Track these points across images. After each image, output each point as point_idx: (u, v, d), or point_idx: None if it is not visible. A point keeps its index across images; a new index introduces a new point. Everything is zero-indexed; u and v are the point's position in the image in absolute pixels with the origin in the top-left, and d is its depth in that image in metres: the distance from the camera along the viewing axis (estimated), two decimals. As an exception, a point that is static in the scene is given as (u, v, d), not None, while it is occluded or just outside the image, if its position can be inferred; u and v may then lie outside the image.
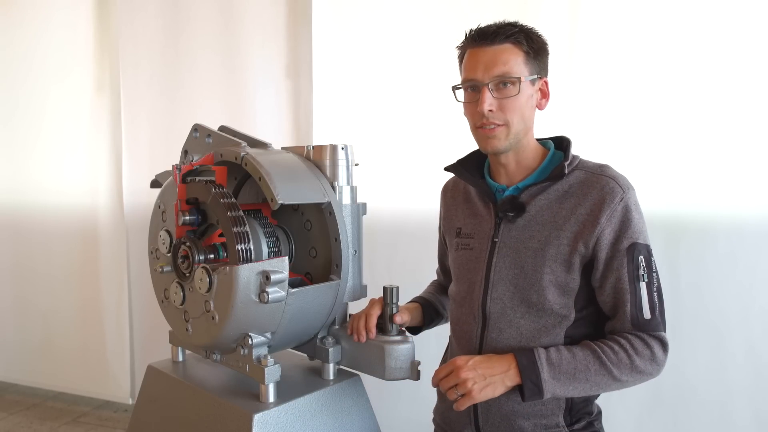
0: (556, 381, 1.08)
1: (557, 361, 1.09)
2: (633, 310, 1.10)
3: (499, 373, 1.08)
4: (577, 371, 1.08)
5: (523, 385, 1.07)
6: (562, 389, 1.08)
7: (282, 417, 1.13)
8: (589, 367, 1.08)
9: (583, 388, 1.09)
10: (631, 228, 1.11)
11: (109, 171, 3.13)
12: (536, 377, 1.07)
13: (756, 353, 2.01)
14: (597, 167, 1.17)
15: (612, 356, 1.08)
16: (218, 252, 1.16)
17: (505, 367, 1.09)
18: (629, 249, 1.11)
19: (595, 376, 1.08)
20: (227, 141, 1.27)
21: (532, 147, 1.22)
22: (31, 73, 3.26)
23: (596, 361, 1.08)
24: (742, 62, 1.97)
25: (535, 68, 1.15)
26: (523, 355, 1.10)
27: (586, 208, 1.13)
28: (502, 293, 1.19)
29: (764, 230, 1.97)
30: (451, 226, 1.35)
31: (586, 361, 1.08)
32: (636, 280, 1.11)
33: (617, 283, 1.12)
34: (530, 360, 1.09)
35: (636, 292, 1.11)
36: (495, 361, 1.10)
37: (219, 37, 2.81)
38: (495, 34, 1.13)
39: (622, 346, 1.09)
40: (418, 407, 1.66)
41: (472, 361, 1.09)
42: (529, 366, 1.08)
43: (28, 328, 3.44)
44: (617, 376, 1.08)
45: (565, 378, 1.08)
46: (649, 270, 1.12)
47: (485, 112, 1.13)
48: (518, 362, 1.09)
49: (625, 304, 1.11)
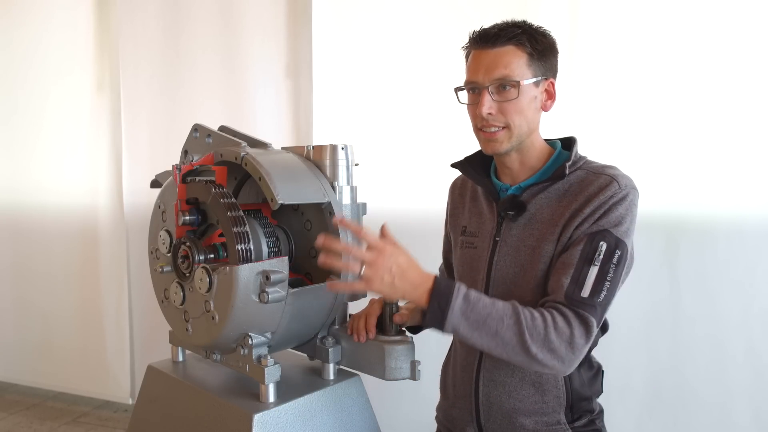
0: (464, 318, 1.01)
1: (474, 300, 1.02)
2: (571, 286, 1.04)
3: (410, 284, 1.02)
4: (489, 318, 1.01)
5: (428, 308, 1.02)
6: (467, 329, 1.01)
7: (282, 417, 1.13)
8: (503, 319, 1.01)
9: (490, 342, 1.02)
10: (608, 217, 1.07)
11: (109, 171, 3.13)
12: (444, 304, 1.00)
13: (756, 353, 2.01)
14: (600, 167, 1.16)
15: (529, 321, 1.01)
16: (218, 252, 1.16)
17: (418, 281, 1.02)
18: (594, 234, 1.07)
19: (506, 331, 1.01)
20: (227, 141, 1.27)
21: (537, 147, 1.21)
22: (31, 73, 3.25)
23: (513, 317, 1.01)
24: (743, 62, 1.97)
25: (540, 70, 1.14)
26: (442, 281, 1.04)
27: (579, 202, 1.12)
28: (502, 292, 1.19)
29: (764, 230, 1.97)
30: (457, 223, 1.35)
31: (502, 313, 1.02)
32: (587, 261, 1.05)
33: (566, 258, 1.07)
34: (446, 287, 1.02)
35: (582, 270, 1.05)
36: (414, 272, 1.03)
37: (219, 37, 2.81)
38: (497, 36, 1.12)
39: (543, 316, 1.02)
40: (418, 407, 1.66)
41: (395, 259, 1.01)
42: (443, 292, 1.02)
43: (28, 328, 3.44)
44: (528, 343, 1.00)
45: (474, 319, 1.01)
46: (606, 259, 1.05)
47: (484, 114, 1.13)
48: (435, 284, 1.02)
49: (565, 276, 1.05)
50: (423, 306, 1.03)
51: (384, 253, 1.02)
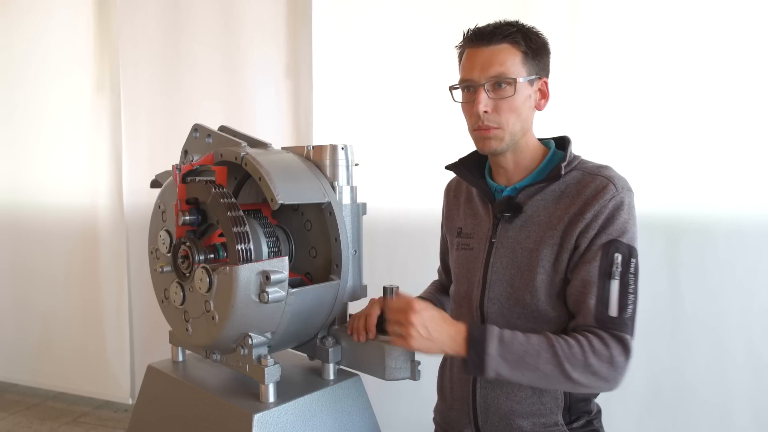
0: (503, 360, 1.02)
1: (509, 341, 1.03)
2: (598, 306, 1.05)
3: (446, 337, 1.04)
4: (527, 355, 1.02)
5: (467, 357, 1.03)
6: (507, 370, 1.03)
7: (282, 417, 1.13)
8: (540, 353, 1.02)
9: (532, 377, 1.04)
10: (614, 225, 1.08)
11: (109, 171, 3.13)
12: (481, 350, 1.02)
13: (756, 353, 2.01)
14: (595, 168, 1.16)
15: (566, 350, 1.02)
16: (218, 252, 1.16)
17: (453, 330, 1.05)
18: (606, 245, 1.07)
19: (545, 365, 1.02)
20: (227, 141, 1.27)
21: (532, 147, 1.21)
22: (31, 73, 3.25)
23: (549, 350, 1.02)
24: (742, 62, 1.97)
25: (534, 68, 1.15)
26: (475, 326, 1.06)
27: (577, 206, 1.11)
28: (499, 294, 1.19)
29: (764, 230, 1.97)
30: (453, 225, 1.35)
31: (538, 348, 1.03)
32: (606, 276, 1.06)
33: (585, 276, 1.07)
34: (481, 332, 1.04)
35: (604, 287, 1.06)
36: (447, 324, 1.06)
37: (219, 37, 2.81)
38: (492, 35, 1.12)
39: (579, 341, 1.03)
40: (418, 407, 1.66)
41: (428, 313, 1.04)
42: (478, 338, 1.03)
43: (28, 328, 3.44)
44: (569, 371, 1.02)
45: (512, 359, 1.02)
46: (624, 270, 1.06)
47: (480, 113, 1.13)
48: (468, 332, 1.04)
49: (590, 297, 1.06)
50: (462, 355, 1.05)
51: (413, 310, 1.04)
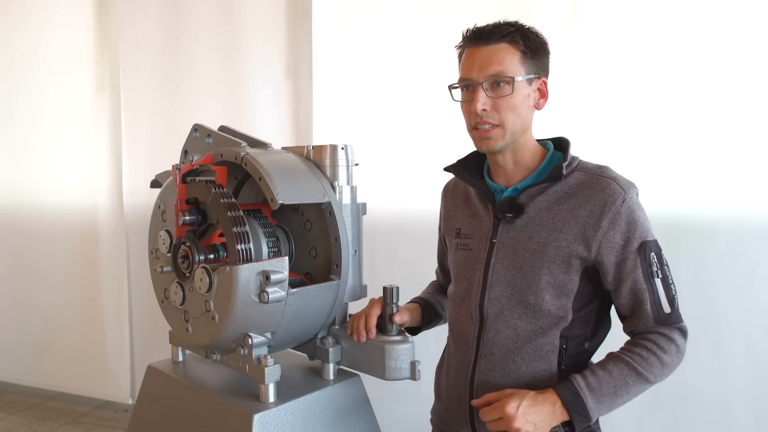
0: (600, 404, 1.08)
1: (597, 385, 1.08)
2: (654, 308, 1.11)
3: (547, 415, 1.07)
4: (618, 388, 1.08)
5: (572, 419, 1.07)
6: (606, 409, 1.09)
7: (282, 417, 1.13)
8: (627, 381, 1.09)
9: (624, 401, 1.10)
10: (638, 228, 1.11)
11: (109, 171, 3.13)
12: (582, 408, 1.07)
13: (756, 353, 2.01)
14: (596, 168, 1.17)
15: (644, 363, 1.09)
16: (218, 252, 1.16)
17: (550, 408, 1.07)
18: (640, 249, 1.11)
19: (633, 387, 1.09)
20: (227, 141, 1.27)
21: (530, 147, 1.21)
22: (31, 74, 3.26)
23: (632, 372, 1.09)
24: (742, 62, 1.97)
25: (533, 68, 1.15)
26: (564, 389, 1.08)
27: (587, 210, 1.12)
28: (499, 294, 1.18)
29: (764, 230, 1.97)
30: (451, 226, 1.35)
31: (623, 376, 1.09)
32: (651, 277, 1.12)
33: (634, 285, 1.12)
34: (573, 393, 1.08)
35: (653, 290, 1.12)
36: (541, 404, 1.07)
37: (219, 37, 2.81)
38: (491, 34, 1.13)
39: (650, 349, 1.10)
40: (417, 407, 1.66)
41: (522, 408, 1.05)
42: (573, 400, 1.07)
43: (28, 328, 3.44)
44: (652, 380, 1.10)
45: (607, 399, 1.08)
46: (661, 265, 1.13)
47: (479, 111, 1.13)
48: (562, 399, 1.07)
49: (645, 303, 1.12)
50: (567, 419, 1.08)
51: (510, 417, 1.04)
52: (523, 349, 1.17)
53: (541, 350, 1.16)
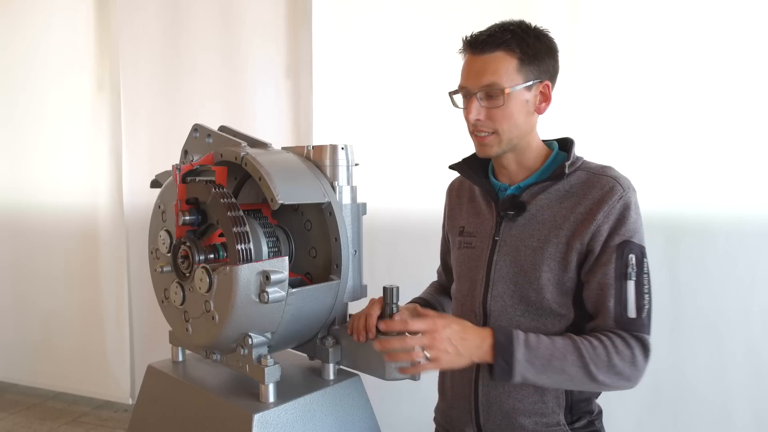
0: (530, 365, 1.04)
1: (535, 345, 1.05)
2: (617, 308, 1.08)
3: (472, 347, 1.05)
4: (554, 358, 1.04)
5: (494, 363, 1.04)
6: (534, 374, 1.05)
7: (282, 417, 1.13)
8: (566, 356, 1.04)
9: (557, 379, 1.06)
10: (625, 226, 1.09)
11: (109, 171, 3.13)
12: (509, 357, 1.03)
13: (756, 353, 2.01)
14: (599, 168, 1.17)
15: (591, 351, 1.05)
16: (218, 252, 1.16)
17: (478, 341, 1.05)
18: (620, 246, 1.09)
19: (571, 367, 1.04)
20: (227, 141, 1.27)
21: (534, 148, 1.22)
22: (31, 74, 3.26)
23: (575, 352, 1.05)
24: (743, 62, 1.97)
25: (532, 73, 1.14)
26: (501, 332, 1.06)
27: (585, 206, 1.12)
28: (502, 291, 1.19)
29: (764, 230, 1.97)
30: (455, 224, 1.35)
31: (564, 350, 1.05)
32: (623, 278, 1.08)
33: (602, 279, 1.09)
34: (507, 339, 1.05)
35: (622, 289, 1.08)
36: (471, 333, 1.06)
37: (219, 37, 2.81)
38: (485, 43, 1.12)
39: (603, 342, 1.05)
40: (418, 407, 1.66)
41: (450, 330, 1.04)
42: (505, 344, 1.04)
43: (28, 328, 3.44)
44: (594, 372, 1.04)
45: (539, 363, 1.04)
46: (639, 270, 1.09)
47: (472, 120, 1.15)
48: (495, 339, 1.05)
49: (608, 299, 1.08)
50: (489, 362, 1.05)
51: (437, 330, 1.04)
52: None
53: None
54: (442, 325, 1.05)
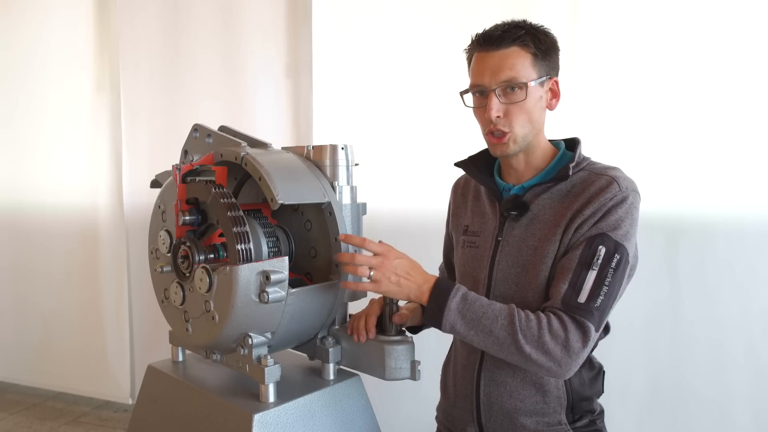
0: (461, 316, 1.06)
1: (471, 300, 1.07)
2: (569, 291, 1.05)
3: (414, 284, 1.08)
4: (484, 317, 1.05)
5: (427, 306, 1.07)
6: (463, 327, 1.06)
7: (282, 417, 1.13)
8: (497, 319, 1.05)
9: (485, 340, 1.06)
10: (606, 220, 1.08)
11: (109, 171, 3.13)
12: (443, 303, 1.06)
13: (756, 353, 2.01)
14: (603, 168, 1.17)
15: (523, 322, 1.04)
16: (218, 252, 1.16)
17: (420, 281, 1.09)
18: (592, 237, 1.07)
19: (499, 331, 1.04)
20: (227, 141, 1.27)
21: (542, 147, 1.22)
22: (31, 74, 3.26)
23: (507, 318, 1.04)
24: (743, 62, 1.97)
25: (544, 69, 1.15)
26: (443, 281, 1.10)
27: (580, 203, 1.12)
28: (504, 292, 1.19)
29: (764, 230, 1.97)
30: (459, 223, 1.35)
31: (497, 313, 1.05)
32: (585, 266, 1.06)
33: (565, 263, 1.08)
34: (446, 288, 1.08)
35: (580, 275, 1.05)
36: (417, 272, 1.10)
37: (219, 37, 2.81)
38: (500, 38, 1.12)
39: (539, 318, 1.05)
40: (418, 407, 1.66)
41: (400, 261, 1.09)
42: (443, 291, 1.07)
43: (28, 328, 3.44)
44: (521, 342, 1.02)
45: (470, 317, 1.06)
46: (605, 263, 1.05)
47: (493, 118, 1.13)
48: (435, 284, 1.08)
49: (563, 282, 1.07)
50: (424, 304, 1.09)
51: (389, 256, 1.09)
52: None
53: None
54: (395, 256, 1.10)
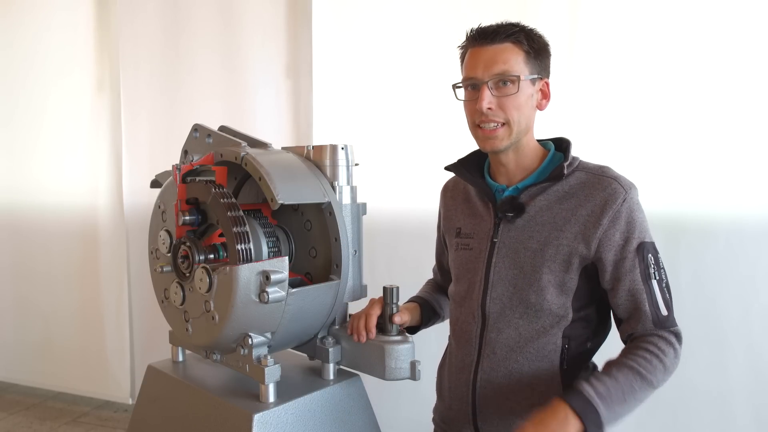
0: (611, 412, 1.03)
1: (606, 393, 1.04)
2: (652, 310, 1.11)
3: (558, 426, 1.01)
4: (626, 394, 1.06)
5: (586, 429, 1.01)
6: (615, 418, 1.05)
7: (282, 417, 1.13)
8: (633, 386, 1.07)
9: (631, 409, 1.08)
10: (637, 228, 1.12)
11: (109, 171, 3.14)
12: (596, 416, 1.02)
13: (756, 352, 2.01)
14: (598, 168, 1.17)
15: (648, 366, 1.08)
16: (218, 252, 1.16)
17: (561, 418, 1.02)
18: (638, 249, 1.11)
19: (639, 392, 1.07)
20: (227, 141, 1.27)
21: (532, 147, 1.22)
22: (31, 74, 3.26)
23: (636, 376, 1.07)
24: (742, 62, 1.97)
25: (536, 68, 1.15)
26: (573, 398, 1.03)
27: (588, 209, 1.12)
28: (501, 293, 1.19)
29: (764, 230, 1.97)
30: (451, 225, 1.35)
31: (629, 381, 1.07)
32: (648, 279, 1.12)
33: (632, 286, 1.12)
34: (584, 402, 1.03)
35: (651, 291, 1.12)
36: (550, 419, 1.02)
37: (219, 37, 2.81)
38: (495, 33, 1.13)
39: (651, 351, 1.09)
40: (418, 407, 1.66)
41: None
42: (586, 408, 1.02)
43: (28, 328, 3.44)
44: (656, 384, 1.09)
45: (618, 406, 1.04)
46: (657, 267, 1.13)
47: (484, 109, 1.13)
48: (573, 408, 1.02)
49: (643, 304, 1.11)
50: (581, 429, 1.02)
51: None
52: (525, 349, 1.17)
53: (544, 350, 1.16)
54: None
